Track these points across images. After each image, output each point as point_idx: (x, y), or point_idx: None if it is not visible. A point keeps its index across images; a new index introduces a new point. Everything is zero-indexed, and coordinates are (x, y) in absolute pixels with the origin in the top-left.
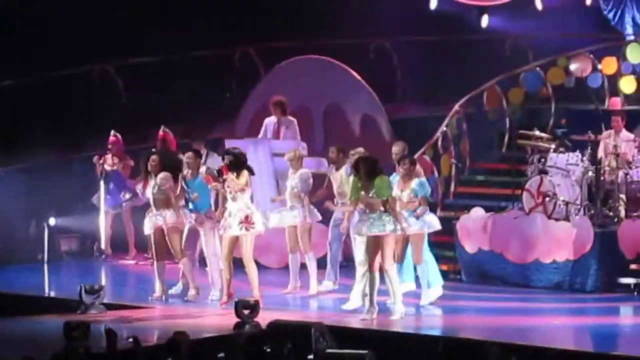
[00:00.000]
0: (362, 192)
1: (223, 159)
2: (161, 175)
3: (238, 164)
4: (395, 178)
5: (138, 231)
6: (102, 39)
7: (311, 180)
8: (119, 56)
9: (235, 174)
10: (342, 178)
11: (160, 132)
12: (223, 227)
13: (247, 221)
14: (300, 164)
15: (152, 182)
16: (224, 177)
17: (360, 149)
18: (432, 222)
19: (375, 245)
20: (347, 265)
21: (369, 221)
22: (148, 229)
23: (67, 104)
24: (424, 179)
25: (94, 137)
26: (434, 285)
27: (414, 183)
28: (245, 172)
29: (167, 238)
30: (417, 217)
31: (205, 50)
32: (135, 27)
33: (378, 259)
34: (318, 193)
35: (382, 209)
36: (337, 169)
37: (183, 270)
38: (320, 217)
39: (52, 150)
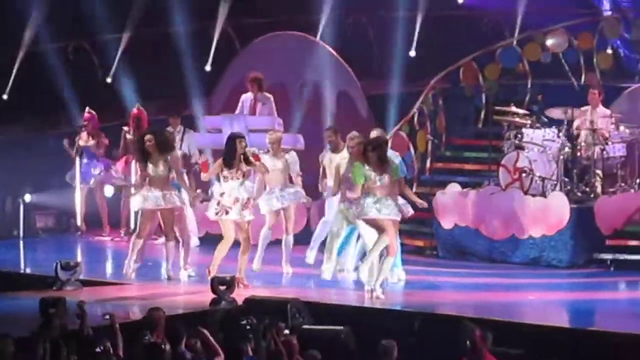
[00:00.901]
0: (374, 177)
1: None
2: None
3: None
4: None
5: (110, 207)
6: (76, 15)
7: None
8: (94, 33)
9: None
10: (344, 162)
11: (135, 110)
12: (238, 212)
13: (249, 205)
14: (279, 146)
15: (153, 161)
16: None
17: (356, 133)
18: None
19: (395, 228)
20: None
21: (389, 205)
22: (152, 205)
23: (43, 81)
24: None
25: (69, 113)
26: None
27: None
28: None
29: (173, 217)
30: None
31: (178, 26)
32: (110, 3)
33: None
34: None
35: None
36: (334, 152)
37: (169, 251)
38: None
39: (28, 126)
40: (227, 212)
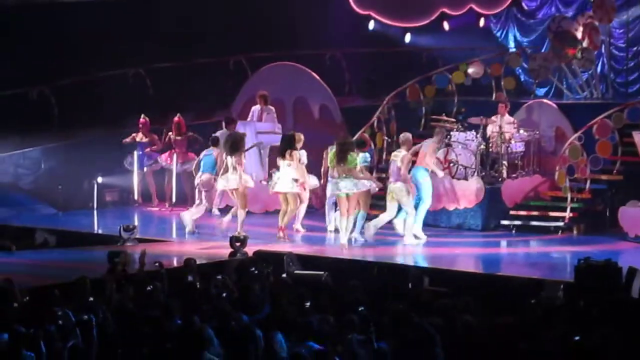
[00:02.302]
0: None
1: None
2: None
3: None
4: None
5: (158, 186)
6: (135, 48)
7: None
8: (148, 62)
9: None
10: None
11: (176, 118)
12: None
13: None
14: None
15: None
16: None
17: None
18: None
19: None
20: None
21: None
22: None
23: (111, 97)
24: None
25: (130, 119)
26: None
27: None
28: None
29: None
30: None
31: (207, 58)
32: (160, 40)
33: None
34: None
35: None
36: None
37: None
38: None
39: (99, 129)
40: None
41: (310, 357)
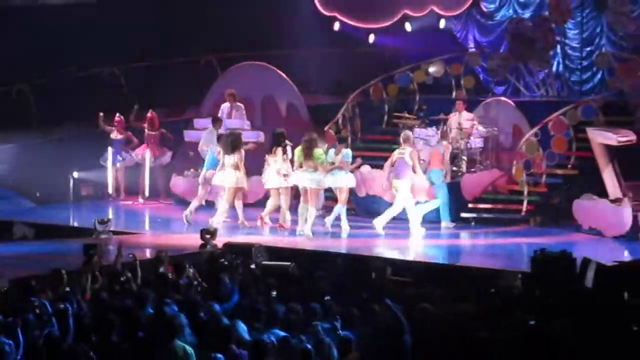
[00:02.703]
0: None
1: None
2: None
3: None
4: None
5: (132, 181)
6: (110, 48)
7: None
8: (122, 61)
9: None
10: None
11: (149, 114)
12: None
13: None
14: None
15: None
16: None
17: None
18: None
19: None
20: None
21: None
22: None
23: (87, 95)
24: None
25: (105, 118)
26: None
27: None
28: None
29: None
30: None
31: (179, 58)
32: (135, 40)
33: None
34: None
35: None
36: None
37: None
38: None
39: (75, 126)
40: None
41: (273, 344)
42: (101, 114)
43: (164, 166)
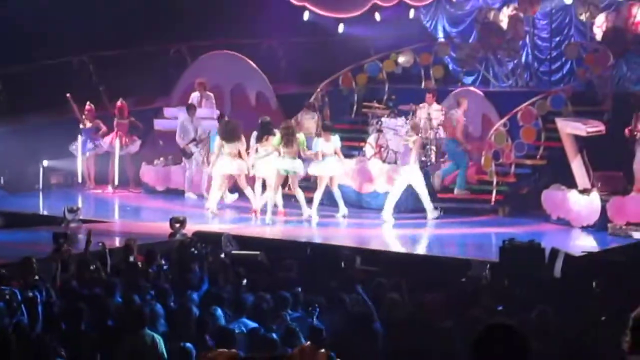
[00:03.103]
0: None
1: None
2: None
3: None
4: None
5: (102, 169)
6: (79, 36)
7: None
8: (92, 49)
9: None
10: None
11: (118, 103)
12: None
13: None
14: None
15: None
16: None
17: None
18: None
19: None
20: None
21: None
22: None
23: (56, 83)
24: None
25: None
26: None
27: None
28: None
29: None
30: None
31: (149, 47)
32: (104, 28)
33: None
34: None
35: None
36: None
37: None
38: None
39: (45, 114)
40: None
41: (241, 333)
42: (68, 95)
43: (132, 155)
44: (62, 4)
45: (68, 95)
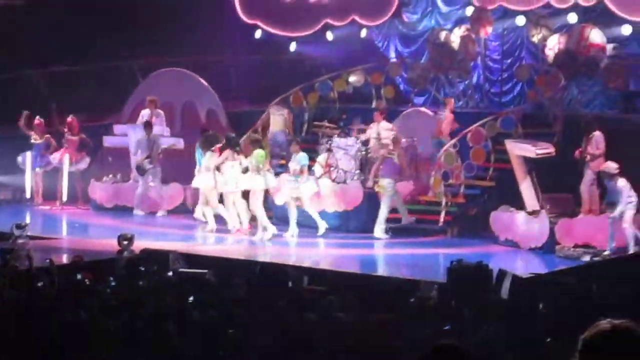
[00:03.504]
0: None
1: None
2: None
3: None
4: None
5: (51, 185)
6: (31, 51)
7: None
8: (44, 65)
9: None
10: None
11: (69, 119)
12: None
13: None
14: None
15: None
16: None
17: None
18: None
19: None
20: None
21: None
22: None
23: (6, 98)
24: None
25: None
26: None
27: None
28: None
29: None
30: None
31: (100, 63)
32: (56, 44)
33: None
34: None
35: None
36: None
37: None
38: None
39: None
40: None
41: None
42: (25, 112)
43: (81, 171)
44: (12, 20)
45: (27, 112)
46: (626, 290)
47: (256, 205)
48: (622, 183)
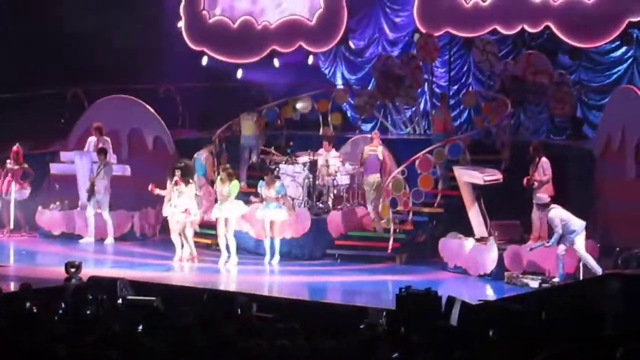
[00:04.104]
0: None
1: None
2: None
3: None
4: (262, 183)
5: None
6: None
7: None
8: None
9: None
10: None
11: (14, 147)
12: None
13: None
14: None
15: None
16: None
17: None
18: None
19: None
20: None
21: None
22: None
23: None
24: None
25: None
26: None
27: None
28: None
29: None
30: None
31: (46, 90)
32: None
33: None
34: None
35: None
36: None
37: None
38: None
39: None
40: None
41: None
42: None
43: (23, 201)
44: None
45: None
46: (574, 317)
47: (232, 231)
48: (553, 214)
